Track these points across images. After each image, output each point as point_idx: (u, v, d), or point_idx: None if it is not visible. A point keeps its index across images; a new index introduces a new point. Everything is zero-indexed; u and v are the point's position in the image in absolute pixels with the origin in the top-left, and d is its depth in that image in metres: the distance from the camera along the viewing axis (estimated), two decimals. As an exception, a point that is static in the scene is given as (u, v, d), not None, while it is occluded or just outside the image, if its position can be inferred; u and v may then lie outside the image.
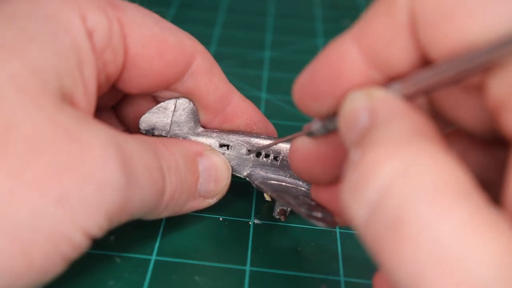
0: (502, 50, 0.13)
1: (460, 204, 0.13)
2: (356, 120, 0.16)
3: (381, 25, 0.16)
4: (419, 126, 0.15)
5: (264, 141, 0.27)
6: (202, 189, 0.25)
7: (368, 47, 0.16)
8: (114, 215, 0.19)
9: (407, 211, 0.13)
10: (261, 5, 0.54)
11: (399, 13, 0.15)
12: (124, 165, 0.19)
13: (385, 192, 0.14)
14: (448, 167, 0.14)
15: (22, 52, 0.19)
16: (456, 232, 0.12)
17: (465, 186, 0.13)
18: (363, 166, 0.14)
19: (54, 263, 0.18)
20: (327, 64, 0.17)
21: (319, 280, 0.25)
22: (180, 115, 0.26)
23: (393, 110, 0.16)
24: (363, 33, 0.16)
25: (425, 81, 0.15)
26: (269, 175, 0.27)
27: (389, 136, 0.15)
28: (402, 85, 0.16)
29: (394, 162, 0.14)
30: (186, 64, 0.24)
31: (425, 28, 0.15)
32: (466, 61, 0.14)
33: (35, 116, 0.18)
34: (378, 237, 0.14)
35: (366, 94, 0.16)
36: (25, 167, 0.17)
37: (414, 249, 0.13)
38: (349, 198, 0.15)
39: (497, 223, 0.13)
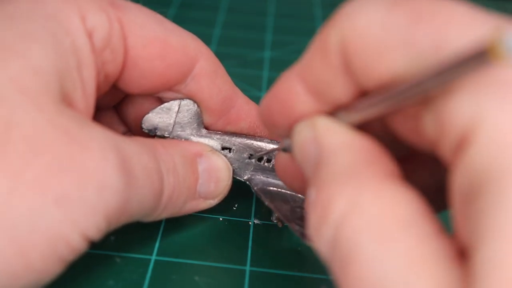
0: (423, 85, 0.13)
1: (402, 238, 0.13)
2: (307, 152, 0.17)
3: (318, 66, 0.17)
4: (364, 156, 0.15)
5: (266, 145, 0.27)
6: (202, 190, 0.25)
7: (311, 85, 0.17)
8: (112, 217, 0.19)
9: (354, 249, 0.14)
10: (261, 5, 0.54)
11: (333, 55, 0.16)
12: (123, 167, 0.19)
13: (337, 231, 0.14)
14: (392, 200, 0.14)
15: (22, 53, 0.19)
16: (398, 267, 0.13)
17: (410, 218, 0.14)
18: (318, 207, 0.15)
19: (52, 264, 0.18)
20: (277, 100, 0.18)
21: (319, 280, 0.25)
22: (184, 116, 0.26)
23: (337, 141, 0.16)
24: (305, 72, 0.17)
25: (365, 110, 0.16)
26: (269, 180, 0.27)
27: (335, 172, 0.15)
28: (347, 113, 0.17)
29: (341, 200, 0.14)
30: (188, 66, 0.24)
31: (357, 67, 0.15)
32: (394, 95, 0.15)
33: (35, 117, 0.18)
34: (336, 273, 0.15)
35: (311, 125, 0.17)
36: (25, 168, 0.17)
37: (361, 286, 0.13)
38: (313, 236, 0.16)
39: (439, 255, 0.13)
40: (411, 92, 0.14)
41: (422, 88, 0.14)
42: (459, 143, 0.13)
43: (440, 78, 0.13)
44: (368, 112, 0.16)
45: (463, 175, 0.13)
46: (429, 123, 0.14)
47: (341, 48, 0.16)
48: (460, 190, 0.13)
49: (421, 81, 0.13)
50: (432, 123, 0.14)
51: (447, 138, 0.14)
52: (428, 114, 0.14)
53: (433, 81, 0.13)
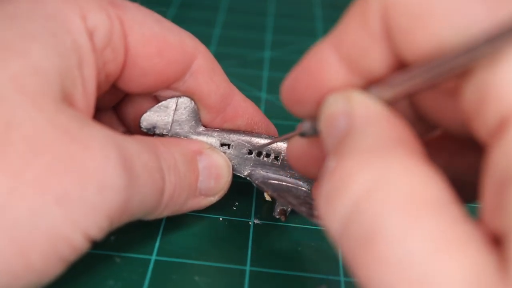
0: (472, 54, 0.13)
1: (432, 218, 0.12)
2: (335, 124, 0.16)
3: (356, 32, 0.16)
4: (395, 133, 0.15)
5: (265, 140, 0.27)
6: (202, 187, 0.25)
7: (345, 54, 0.16)
8: (114, 216, 0.19)
9: (377, 227, 0.13)
10: (261, 5, 0.54)
11: (372, 21, 0.15)
12: (124, 165, 0.19)
13: (357, 206, 0.13)
14: (422, 179, 0.13)
15: (23, 53, 0.19)
16: (427, 248, 0.12)
17: (440, 199, 0.13)
18: (337, 176, 0.14)
19: (53, 264, 0.18)
20: (307, 71, 0.17)
21: (319, 280, 0.25)
22: (181, 114, 0.26)
23: (370, 115, 0.15)
24: (340, 40, 0.16)
25: (401, 85, 0.15)
26: (269, 174, 0.27)
27: (364, 145, 0.14)
28: (381, 88, 0.16)
29: (366, 173, 0.14)
30: (187, 63, 0.24)
31: (398, 34, 0.15)
32: (438, 66, 0.14)
33: (35, 117, 0.18)
34: (351, 251, 0.13)
35: (345, 98, 0.16)
36: (25, 167, 0.17)
37: (384, 266, 0.13)
38: (323, 208, 0.15)
39: (470, 238, 0.12)
40: (456, 63, 0.13)
41: (469, 58, 0.13)
42: (502, 121, 0.12)
43: (488, 47, 0.12)
44: (404, 87, 0.15)
45: (501, 157, 0.12)
46: (469, 95, 0.13)
47: (383, 13, 0.15)
48: (495, 173, 0.12)
49: (467, 50, 0.13)
50: (473, 94, 0.13)
51: (489, 115, 0.13)
52: (469, 87, 0.13)
53: (480, 51, 0.12)
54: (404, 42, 0.15)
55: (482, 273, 0.12)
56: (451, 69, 0.13)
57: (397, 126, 0.15)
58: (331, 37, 0.17)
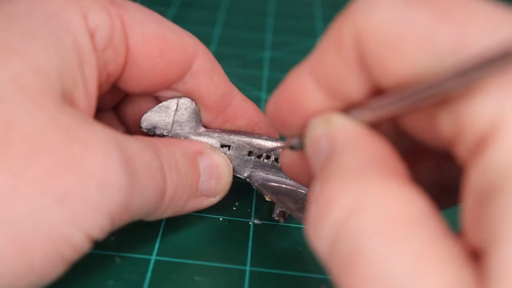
0: (444, 85, 0.13)
1: (411, 237, 0.13)
2: (318, 147, 0.17)
3: (331, 60, 0.16)
4: (375, 154, 0.15)
5: (265, 142, 0.27)
6: (203, 188, 0.25)
7: (322, 81, 0.17)
8: (116, 216, 0.19)
9: (359, 247, 0.13)
10: (261, 5, 0.54)
11: (346, 49, 0.15)
12: (126, 164, 0.19)
13: (340, 228, 0.14)
14: (400, 198, 0.14)
15: (23, 52, 0.19)
16: (405, 267, 0.12)
17: (419, 217, 0.13)
18: (321, 201, 0.15)
19: (54, 264, 0.18)
20: (287, 97, 0.18)
21: (319, 280, 0.25)
22: (182, 115, 0.26)
23: (350, 137, 0.16)
24: (316, 66, 0.17)
25: (380, 109, 0.16)
26: (269, 176, 0.27)
27: (344, 168, 0.15)
28: (361, 111, 0.16)
29: (347, 197, 0.14)
30: (187, 63, 0.24)
31: (372, 62, 0.15)
32: (412, 94, 0.14)
33: (36, 116, 0.18)
34: (337, 272, 0.14)
35: (325, 121, 0.17)
36: (26, 167, 0.17)
37: (365, 286, 0.13)
38: (311, 232, 0.15)
39: (449, 255, 0.13)
40: (430, 93, 0.13)
41: (442, 89, 0.13)
42: (477, 143, 0.13)
43: (461, 79, 0.12)
44: (382, 111, 0.16)
45: (479, 175, 0.13)
46: (446, 123, 0.14)
47: (356, 42, 0.15)
48: (474, 190, 0.13)
49: (440, 82, 0.13)
50: (449, 122, 0.14)
51: (465, 138, 0.13)
52: (445, 114, 0.14)
53: (453, 82, 0.13)
54: (378, 70, 0.15)
55: None
56: (424, 98, 0.14)
57: (377, 146, 0.15)
58: (308, 63, 0.17)
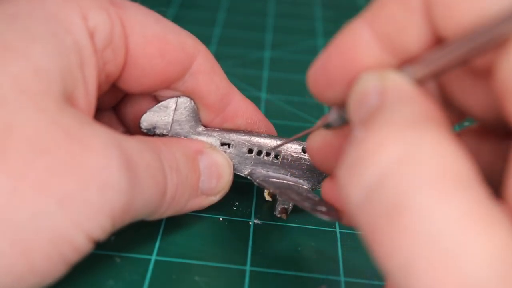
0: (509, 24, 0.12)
1: (461, 195, 0.12)
2: (365, 101, 0.16)
3: (393, 8, 0.16)
4: (427, 111, 0.14)
5: (265, 139, 0.27)
6: (204, 187, 0.25)
7: (382, 31, 0.16)
8: (117, 217, 0.19)
9: (404, 199, 0.13)
10: (261, 5, 0.54)
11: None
12: (126, 165, 0.19)
13: (383, 177, 0.13)
14: (451, 156, 0.13)
15: (24, 53, 0.19)
16: (454, 225, 0.12)
17: (468, 177, 0.13)
18: (365, 145, 0.14)
19: (56, 265, 0.18)
20: (339, 50, 0.17)
21: (319, 280, 0.25)
22: (181, 114, 0.26)
23: (403, 93, 0.15)
24: (376, 17, 0.16)
25: (437, 62, 0.15)
26: (270, 173, 0.27)
27: (396, 119, 0.14)
28: (414, 68, 0.16)
29: (396, 146, 0.13)
30: (187, 63, 0.24)
31: (439, 7, 0.14)
32: (474, 38, 0.13)
33: (36, 118, 0.18)
34: (372, 224, 0.13)
35: (379, 76, 0.16)
36: (26, 169, 0.17)
37: (408, 240, 0.12)
38: (345, 177, 0.14)
39: (498, 217, 0.12)
40: (493, 33, 0.13)
41: (505, 29, 0.12)
42: None
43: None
44: (440, 63, 0.15)
45: None
46: (503, 75, 0.13)
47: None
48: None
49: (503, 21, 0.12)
50: (508, 74, 0.13)
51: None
52: (504, 63, 0.13)
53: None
54: (444, 16, 0.14)
55: (508, 251, 0.12)
56: (488, 41, 0.13)
57: (430, 104, 0.15)
58: (366, 14, 0.16)
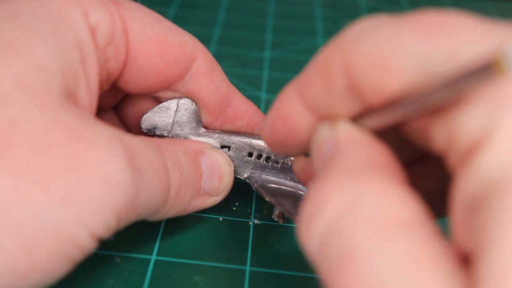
0: (436, 95, 0.13)
1: (403, 239, 0.13)
2: (322, 149, 0.17)
3: (318, 87, 0.16)
4: (374, 157, 0.15)
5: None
6: (206, 186, 0.25)
7: (311, 105, 0.17)
8: (122, 214, 0.19)
9: (350, 247, 0.13)
10: (261, 5, 0.54)
11: (335, 78, 0.16)
12: (130, 161, 0.19)
13: (332, 226, 0.14)
14: (394, 200, 0.14)
15: (25, 51, 0.19)
16: (396, 269, 0.13)
17: (411, 219, 0.13)
18: (315, 198, 0.15)
19: (59, 263, 0.18)
20: (280, 119, 0.18)
21: (319, 280, 0.25)
22: (182, 115, 0.26)
23: (352, 141, 0.16)
24: (304, 91, 0.17)
25: (379, 119, 0.16)
26: (269, 177, 0.27)
27: (343, 168, 0.15)
28: (364, 120, 0.17)
29: (342, 195, 0.14)
30: (187, 64, 0.24)
31: (363, 85, 0.15)
32: (402, 107, 0.15)
33: (39, 115, 0.18)
34: (327, 270, 0.14)
35: (332, 126, 0.17)
36: (29, 166, 0.17)
37: (357, 286, 0.13)
38: (302, 230, 0.15)
39: (440, 258, 0.13)
40: (420, 104, 0.14)
41: (431, 100, 0.14)
42: (468, 151, 0.13)
43: (450, 89, 0.13)
44: (377, 122, 0.16)
45: (469, 181, 0.13)
46: (438, 133, 0.14)
47: (345, 69, 0.15)
48: (464, 196, 0.13)
49: (430, 93, 0.13)
50: (442, 132, 0.14)
51: (456, 147, 0.14)
52: (438, 124, 0.14)
53: (443, 92, 0.13)
54: (369, 90, 0.15)
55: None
56: (415, 110, 0.14)
57: (378, 150, 0.16)
58: (296, 85, 0.17)
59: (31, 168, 0.17)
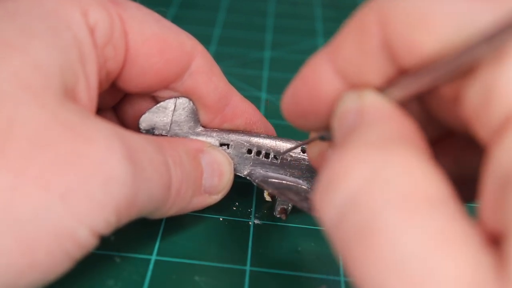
0: (472, 53, 0.13)
1: (430, 215, 0.12)
2: (345, 120, 0.16)
3: (351, 50, 0.16)
4: (400, 130, 0.15)
5: (264, 140, 0.27)
6: (207, 184, 0.25)
7: (341, 70, 0.16)
8: (122, 210, 0.19)
9: (373, 221, 0.13)
10: (261, 5, 0.54)
11: (370, 35, 0.15)
12: (130, 158, 0.19)
13: (353, 198, 0.13)
14: (421, 175, 0.13)
15: (24, 49, 0.19)
16: (424, 246, 0.12)
17: (439, 196, 0.13)
18: (336, 167, 0.14)
19: (59, 261, 0.18)
20: (305, 86, 0.17)
21: (319, 280, 0.25)
22: (180, 115, 0.26)
23: (380, 112, 0.15)
24: (335, 55, 0.16)
25: (407, 87, 0.15)
26: (269, 173, 0.27)
27: (367, 139, 0.14)
28: (391, 90, 0.16)
29: (364, 167, 0.13)
30: (186, 63, 0.24)
31: (399, 42, 0.14)
32: (439, 68, 0.14)
33: (37, 113, 0.18)
34: (346, 243, 0.13)
35: (358, 96, 0.16)
36: (28, 164, 0.17)
37: (378, 262, 0.12)
38: (319, 198, 0.14)
39: (468, 237, 0.12)
40: (459, 61, 0.13)
41: (470, 56, 0.13)
42: (505, 120, 0.12)
43: (490, 44, 0.12)
44: (413, 87, 0.15)
45: (504, 157, 0.12)
46: (472, 99, 0.13)
47: (381, 24, 0.15)
48: (497, 172, 0.12)
49: (469, 49, 0.13)
50: (475, 98, 0.13)
51: (491, 115, 0.13)
52: (472, 88, 0.13)
53: (483, 48, 0.12)
54: (405, 50, 0.14)
55: (479, 273, 0.12)
56: (455, 68, 0.13)
57: (404, 123, 0.15)
58: (327, 50, 0.17)
59: (30, 165, 0.17)
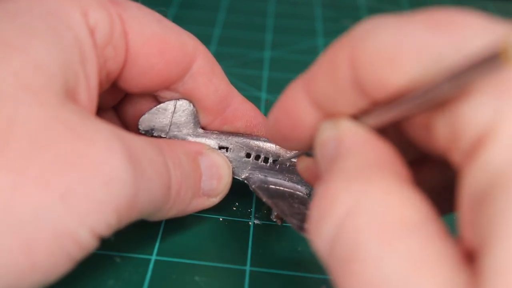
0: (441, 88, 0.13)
1: (407, 239, 0.13)
2: (326, 150, 0.17)
3: (325, 83, 0.16)
4: (378, 156, 0.15)
5: (263, 144, 0.27)
6: (205, 187, 0.25)
7: (317, 101, 0.17)
8: (122, 211, 0.19)
9: (357, 248, 0.14)
10: (261, 5, 0.54)
11: (342, 72, 0.16)
12: (130, 158, 0.19)
13: (339, 227, 0.14)
14: (399, 200, 0.14)
15: (24, 49, 0.19)
16: (401, 269, 0.13)
17: (416, 219, 0.13)
18: (323, 200, 0.15)
19: (59, 262, 0.18)
20: (284, 115, 0.18)
21: (319, 280, 0.25)
22: (180, 117, 0.26)
23: (356, 140, 0.16)
24: (311, 87, 0.17)
25: (382, 115, 0.16)
26: (267, 178, 0.27)
27: (347, 169, 0.15)
28: (367, 117, 0.17)
29: (347, 196, 0.14)
30: (187, 64, 0.24)
31: (368, 79, 0.15)
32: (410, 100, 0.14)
33: (38, 113, 0.18)
34: (336, 272, 0.14)
35: (334, 124, 0.17)
36: (28, 164, 0.17)
37: (362, 287, 0.13)
38: (312, 231, 0.15)
39: (444, 257, 0.13)
40: (425, 98, 0.14)
41: (437, 93, 0.14)
42: (474, 144, 0.13)
43: (455, 82, 0.13)
44: (381, 118, 0.16)
45: (475, 177, 0.13)
46: (442, 128, 0.14)
47: (352, 65, 0.15)
48: (470, 192, 0.13)
49: (436, 86, 0.13)
50: (446, 127, 0.14)
51: (461, 141, 0.14)
52: (441, 119, 0.14)
53: (448, 85, 0.13)
54: (374, 87, 0.15)
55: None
56: (421, 103, 0.14)
57: (382, 149, 0.16)
58: (303, 81, 0.17)
59: (30, 165, 0.17)
